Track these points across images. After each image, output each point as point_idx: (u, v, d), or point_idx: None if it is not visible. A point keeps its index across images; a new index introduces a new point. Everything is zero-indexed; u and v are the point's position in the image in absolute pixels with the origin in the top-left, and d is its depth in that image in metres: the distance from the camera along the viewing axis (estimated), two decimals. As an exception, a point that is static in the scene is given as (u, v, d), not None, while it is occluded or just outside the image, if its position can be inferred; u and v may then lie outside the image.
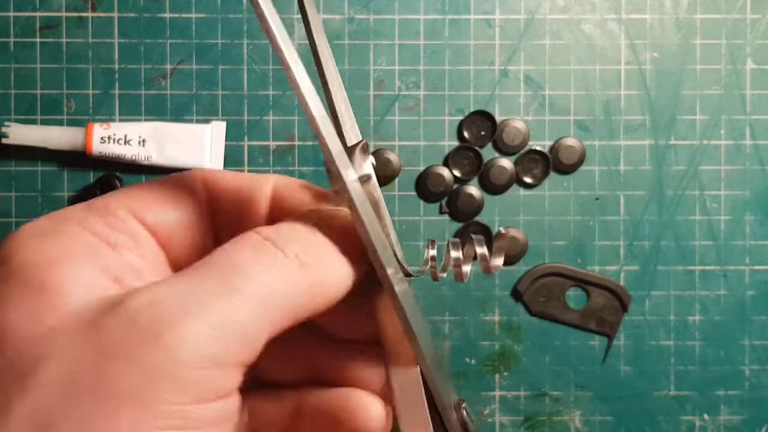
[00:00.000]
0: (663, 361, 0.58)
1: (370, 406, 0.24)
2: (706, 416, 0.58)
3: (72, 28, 0.56)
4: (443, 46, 0.57)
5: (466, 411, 0.23)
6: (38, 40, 0.56)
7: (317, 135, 0.22)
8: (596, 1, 0.57)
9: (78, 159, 0.55)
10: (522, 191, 0.58)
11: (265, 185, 0.25)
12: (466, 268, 0.23)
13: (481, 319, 0.58)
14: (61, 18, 0.56)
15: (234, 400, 0.20)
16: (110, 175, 0.55)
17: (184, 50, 0.56)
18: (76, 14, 0.56)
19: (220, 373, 0.19)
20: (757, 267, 0.58)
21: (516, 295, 0.58)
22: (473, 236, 0.23)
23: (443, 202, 0.57)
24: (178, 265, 0.24)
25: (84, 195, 0.56)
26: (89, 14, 0.56)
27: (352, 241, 0.23)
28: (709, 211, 0.58)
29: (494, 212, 0.57)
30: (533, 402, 0.58)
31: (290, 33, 0.24)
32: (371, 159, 0.24)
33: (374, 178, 0.24)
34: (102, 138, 0.54)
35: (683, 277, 0.58)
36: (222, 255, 0.21)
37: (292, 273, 0.21)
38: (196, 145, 0.56)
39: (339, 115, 0.25)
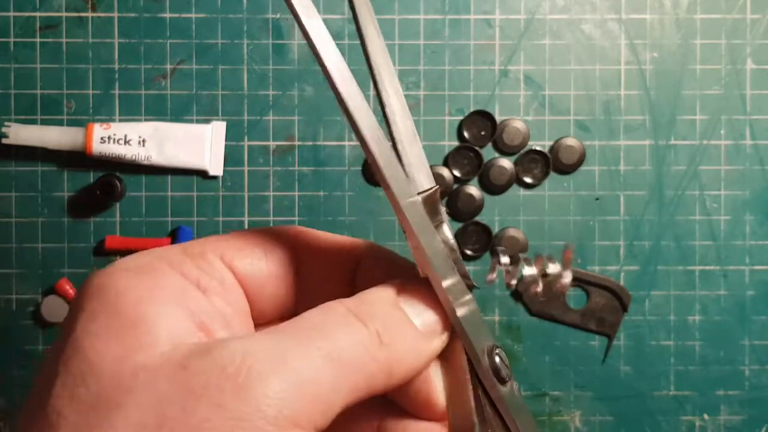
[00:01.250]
0: (663, 361, 0.58)
1: None
2: (706, 416, 0.58)
3: (72, 28, 0.56)
4: (443, 46, 0.57)
5: (499, 357, 0.23)
6: (38, 40, 0.56)
7: (393, 205, 0.23)
8: (596, 1, 0.57)
9: (78, 159, 0.55)
10: (522, 191, 0.58)
11: (354, 249, 0.26)
12: (539, 288, 0.24)
13: (481, 319, 0.58)
14: (61, 18, 0.56)
15: None
16: (110, 175, 0.55)
17: (184, 50, 0.56)
18: (76, 14, 0.56)
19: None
20: (756, 267, 0.58)
21: (516, 295, 0.58)
22: (543, 255, 0.24)
23: (443, 202, 0.57)
24: (259, 315, 0.24)
25: (84, 195, 0.56)
26: (89, 14, 0.56)
27: (433, 317, 0.23)
28: (709, 211, 0.58)
29: (494, 212, 0.57)
30: (533, 402, 0.58)
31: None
32: (443, 209, 0.24)
33: (445, 226, 0.24)
34: (102, 138, 0.54)
35: (683, 277, 0.58)
36: (309, 319, 0.22)
37: (373, 348, 0.21)
38: (196, 145, 0.56)
39: (405, 165, 0.25)
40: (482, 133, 0.57)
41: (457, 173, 0.57)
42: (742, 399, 0.58)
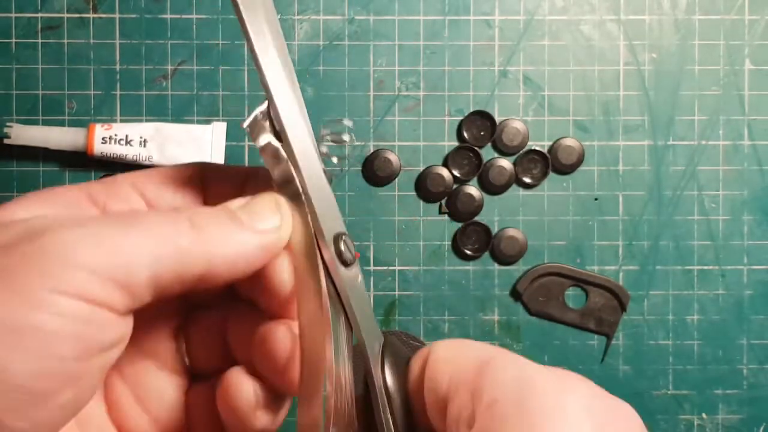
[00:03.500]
0: (662, 361, 0.58)
1: (241, 386, 0.25)
2: (704, 415, 0.58)
3: (73, 28, 0.56)
4: (443, 46, 0.57)
5: (344, 242, 0.25)
6: (40, 40, 0.56)
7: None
8: (595, 2, 0.58)
9: (79, 159, 0.56)
10: (521, 191, 0.58)
11: (249, 174, 0.27)
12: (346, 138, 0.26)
13: (481, 318, 0.58)
14: (63, 19, 0.56)
15: (112, 323, 0.21)
16: (111, 175, 0.55)
17: (185, 51, 0.56)
18: (77, 15, 0.56)
19: (88, 278, 0.20)
20: (755, 267, 0.58)
21: (515, 294, 0.58)
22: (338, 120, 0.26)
23: (443, 202, 0.58)
24: None
25: (85, 195, 0.56)
26: (90, 15, 0.56)
27: (268, 216, 0.25)
28: (708, 211, 0.58)
29: (494, 212, 0.58)
30: (532, 401, 0.58)
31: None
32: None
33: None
34: (103, 138, 0.54)
35: (682, 277, 0.58)
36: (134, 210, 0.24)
37: (182, 226, 0.22)
38: (197, 145, 0.56)
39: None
40: (482, 133, 0.57)
41: (456, 173, 0.57)
42: (740, 398, 0.58)
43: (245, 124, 0.24)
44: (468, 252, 0.57)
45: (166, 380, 0.26)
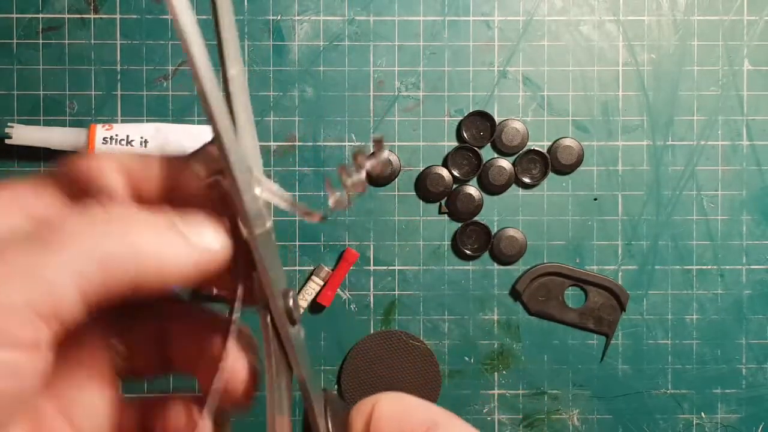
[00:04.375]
0: (660, 360, 0.58)
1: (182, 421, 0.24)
2: (703, 414, 0.58)
3: (74, 29, 0.56)
4: (442, 47, 0.57)
5: (292, 299, 0.24)
6: (41, 41, 0.56)
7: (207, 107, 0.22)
8: (594, 3, 0.58)
9: (80, 159, 0.56)
10: (521, 191, 0.58)
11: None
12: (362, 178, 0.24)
13: (480, 318, 0.58)
14: (64, 19, 0.56)
15: (36, 366, 0.19)
16: (112, 175, 0.55)
17: (186, 51, 0.57)
18: (78, 16, 0.56)
19: (7, 319, 0.18)
20: (753, 266, 0.58)
21: (515, 294, 0.58)
22: (359, 157, 0.24)
23: (443, 202, 0.58)
24: None
25: (86, 195, 0.56)
26: (91, 16, 0.56)
27: (209, 233, 0.23)
28: (707, 211, 0.58)
29: (493, 212, 0.58)
30: (532, 400, 0.58)
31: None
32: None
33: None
34: (104, 138, 0.54)
35: (681, 277, 0.58)
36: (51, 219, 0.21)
37: (114, 232, 0.20)
38: (198, 145, 0.56)
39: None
40: (481, 133, 0.57)
41: (456, 173, 0.57)
42: (739, 397, 0.59)
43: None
44: (468, 252, 0.57)
45: (98, 394, 0.24)
